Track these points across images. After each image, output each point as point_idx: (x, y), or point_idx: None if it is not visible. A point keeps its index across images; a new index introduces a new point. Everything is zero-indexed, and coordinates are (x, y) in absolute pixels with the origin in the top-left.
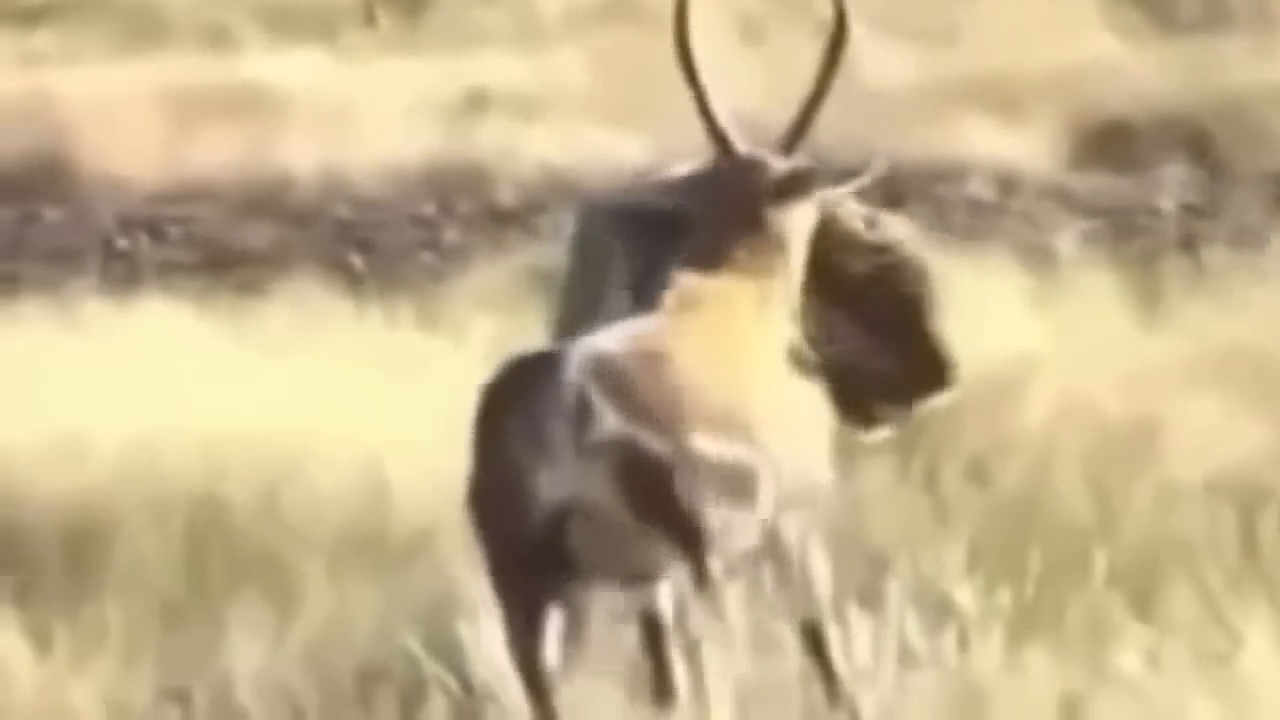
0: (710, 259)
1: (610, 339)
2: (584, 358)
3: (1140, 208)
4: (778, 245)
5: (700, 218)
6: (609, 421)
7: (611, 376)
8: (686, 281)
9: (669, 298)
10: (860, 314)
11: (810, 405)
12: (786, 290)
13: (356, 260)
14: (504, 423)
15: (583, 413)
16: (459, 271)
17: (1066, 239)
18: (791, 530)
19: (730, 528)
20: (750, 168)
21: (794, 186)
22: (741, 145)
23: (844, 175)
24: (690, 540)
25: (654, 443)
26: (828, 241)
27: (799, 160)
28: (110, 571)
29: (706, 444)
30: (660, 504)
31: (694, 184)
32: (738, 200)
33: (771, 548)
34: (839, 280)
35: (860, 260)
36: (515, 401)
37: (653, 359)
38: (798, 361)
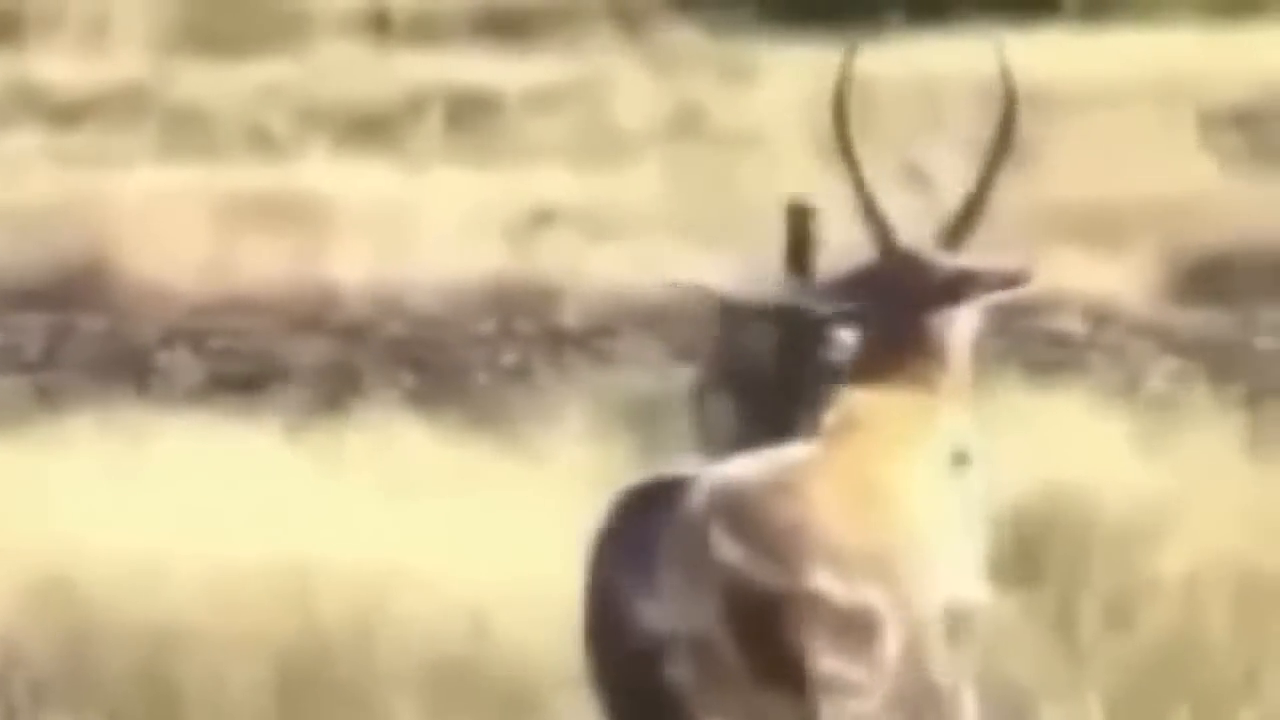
0: (871, 370)
1: (746, 466)
2: (711, 485)
3: (1239, 346)
4: (936, 355)
5: (861, 323)
6: (724, 552)
7: (735, 506)
8: (848, 399)
9: (830, 417)
10: None
11: (968, 520)
12: (952, 403)
13: (410, 379)
14: (614, 550)
15: (698, 542)
16: (522, 394)
17: (1159, 377)
18: (943, 670)
19: (844, 681)
20: (910, 266)
21: (958, 289)
22: (904, 239)
23: None
24: (795, 684)
25: (769, 576)
26: None
27: (964, 259)
28: (194, 707)
29: (828, 583)
30: (766, 641)
31: (853, 285)
32: (897, 303)
33: (920, 688)
34: None
35: None
36: (630, 527)
37: (784, 490)
38: (959, 463)
